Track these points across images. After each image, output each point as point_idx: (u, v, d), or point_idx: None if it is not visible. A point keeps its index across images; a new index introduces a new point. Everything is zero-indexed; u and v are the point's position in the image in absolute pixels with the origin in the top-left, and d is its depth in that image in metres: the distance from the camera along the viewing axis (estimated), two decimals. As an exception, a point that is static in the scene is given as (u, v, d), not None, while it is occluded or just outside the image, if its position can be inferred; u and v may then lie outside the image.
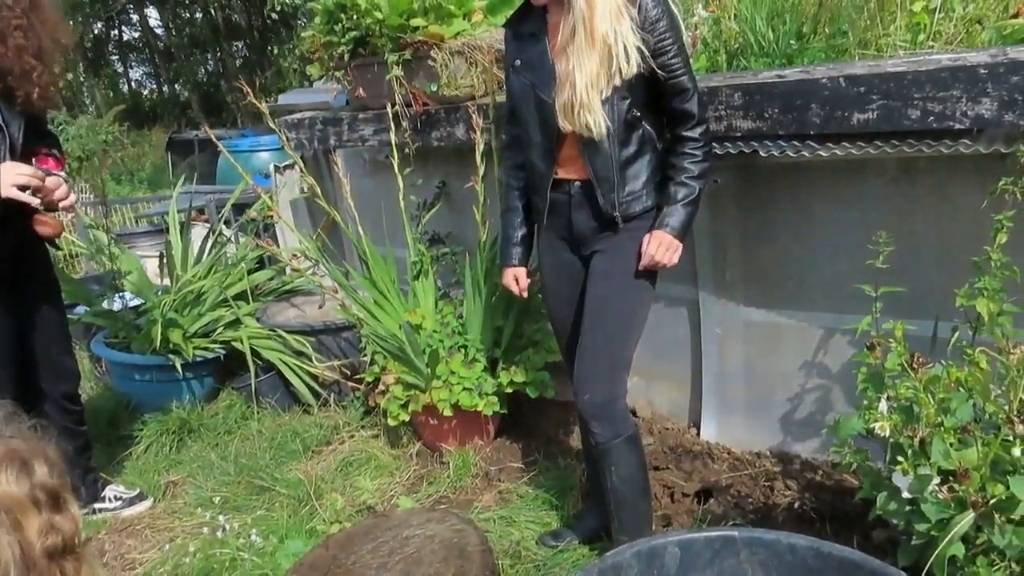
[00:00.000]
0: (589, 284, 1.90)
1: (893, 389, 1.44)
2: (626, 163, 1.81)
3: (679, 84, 1.76)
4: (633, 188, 1.83)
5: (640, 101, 1.76)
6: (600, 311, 1.88)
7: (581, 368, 1.89)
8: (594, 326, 1.88)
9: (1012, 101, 1.59)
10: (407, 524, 1.86)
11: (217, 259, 3.29)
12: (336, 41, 2.79)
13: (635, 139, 1.80)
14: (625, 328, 1.88)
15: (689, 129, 1.80)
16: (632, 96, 1.75)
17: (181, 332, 2.95)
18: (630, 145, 1.80)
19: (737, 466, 2.46)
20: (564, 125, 1.77)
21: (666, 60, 1.73)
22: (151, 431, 2.91)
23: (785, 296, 2.36)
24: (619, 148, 1.78)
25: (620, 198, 1.83)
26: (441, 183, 3.19)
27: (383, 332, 2.47)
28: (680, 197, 1.81)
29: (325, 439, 2.79)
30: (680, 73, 1.75)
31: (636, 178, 1.83)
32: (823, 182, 2.16)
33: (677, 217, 1.82)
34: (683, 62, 1.75)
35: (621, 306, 1.88)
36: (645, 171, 1.83)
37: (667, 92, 1.77)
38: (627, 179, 1.82)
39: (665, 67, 1.73)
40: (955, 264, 2.00)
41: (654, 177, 1.85)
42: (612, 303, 1.87)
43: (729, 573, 1.46)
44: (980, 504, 1.24)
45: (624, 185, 1.82)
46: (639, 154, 1.81)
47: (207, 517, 2.29)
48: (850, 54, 1.98)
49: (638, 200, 1.84)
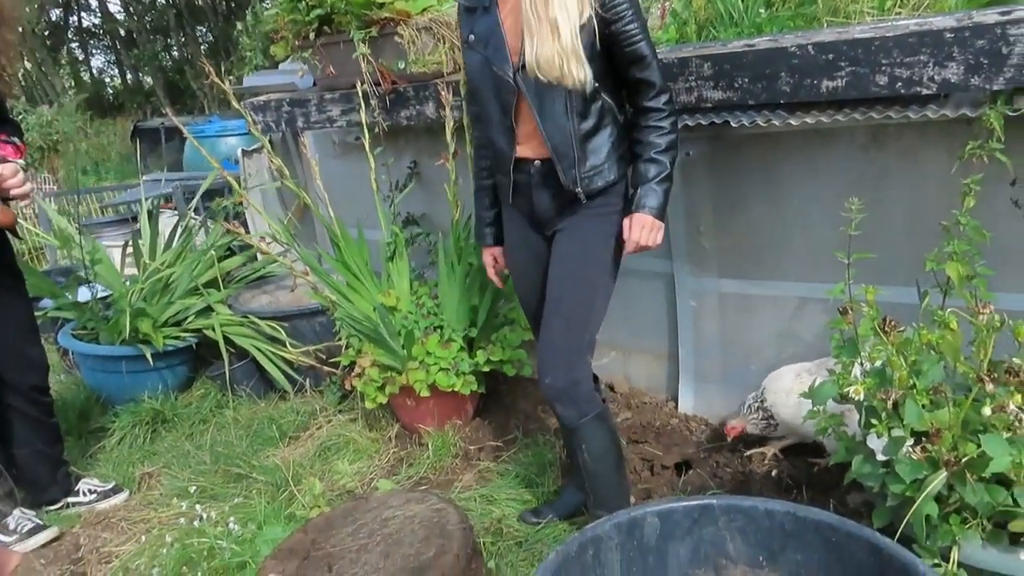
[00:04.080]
0: (551, 264, 1.88)
1: (866, 353, 1.45)
2: (586, 137, 1.76)
3: (636, 51, 1.71)
4: (595, 162, 1.78)
5: (597, 72, 1.70)
6: (560, 294, 1.85)
7: (542, 351, 1.88)
8: (554, 309, 1.86)
9: (978, 65, 1.60)
10: (387, 505, 1.84)
11: (186, 247, 3.23)
12: (300, 19, 2.72)
13: (594, 112, 1.75)
14: (585, 310, 1.85)
15: (651, 99, 1.75)
16: (591, 66, 1.69)
17: (151, 321, 2.89)
18: (589, 118, 1.75)
19: (715, 437, 2.48)
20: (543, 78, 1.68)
21: (621, 27, 1.67)
22: (124, 423, 2.87)
23: (758, 266, 2.37)
24: (578, 121, 1.73)
25: (581, 173, 1.78)
26: (412, 163, 3.15)
27: (358, 315, 2.44)
28: (652, 175, 1.77)
29: (302, 425, 2.76)
30: (637, 39, 1.69)
31: (597, 152, 1.78)
32: (793, 151, 2.17)
33: (654, 197, 1.78)
34: (640, 28, 1.70)
35: (581, 288, 1.84)
36: (606, 144, 1.78)
37: (624, 60, 1.72)
38: (588, 153, 1.77)
39: (621, 34, 1.68)
40: (924, 229, 2.02)
41: (616, 150, 1.80)
42: (572, 285, 1.85)
43: (708, 541, 1.47)
44: (953, 463, 1.25)
45: (585, 160, 1.77)
46: (599, 127, 1.77)
47: (184, 507, 2.26)
48: (819, 22, 1.97)
49: (600, 175, 1.79)
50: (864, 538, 1.30)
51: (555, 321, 1.85)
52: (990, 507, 1.35)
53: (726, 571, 1.47)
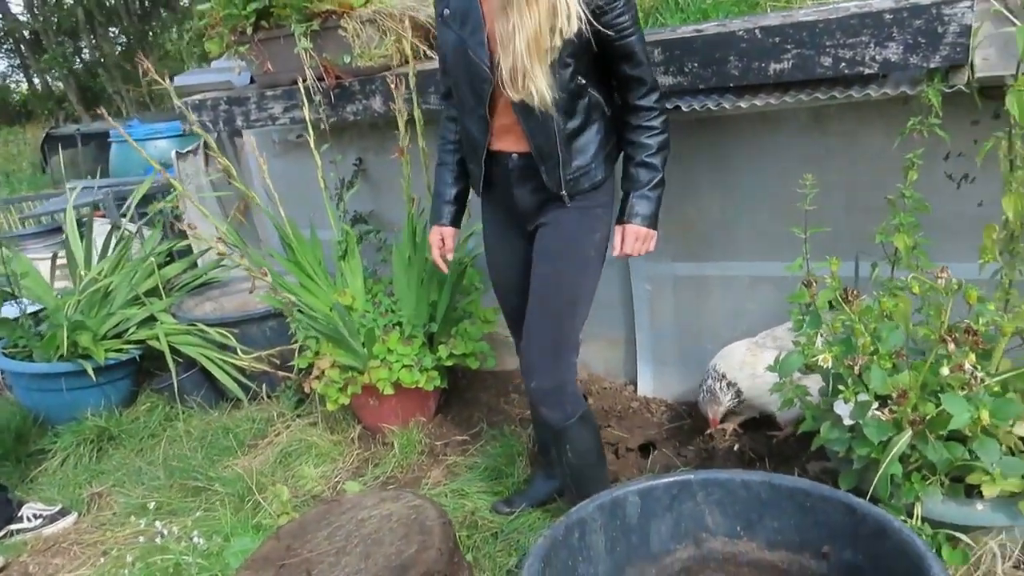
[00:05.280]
0: (534, 261, 1.80)
1: (829, 324, 1.51)
2: (572, 136, 1.65)
3: (627, 47, 1.61)
4: (581, 163, 1.68)
5: (584, 67, 1.61)
6: (543, 293, 1.78)
7: (527, 353, 1.81)
8: (538, 311, 1.79)
9: (916, 44, 1.68)
10: (361, 506, 1.81)
11: (123, 255, 3.08)
12: (236, 13, 2.63)
13: (581, 109, 1.64)
14: (569, 310, 1.78)
15: (642, 97, 1.67)
16: (576, 62, 1.59)
17: (91, 335, 2.75)
18: (575, 116, 1.64)
19: (675, 417, 2.54)
20: (512, 95, 1.58)
21: (612, 19, 1.57)
22: (66, 443, 2.73)
23: (709, 248, 2.43)
24: (564, 120, 1.62)
25: (567, 175, 1.68)
26: (358, 160, 3.09)
27: (317, 315, 2.39)
28: (644, 181, 1.69)
29: (259, 432, 2.68)
30: (628, 34, 1.60)
31: (583, 152, 1.67)
32: (741, 133, 2.23)
33: (646, 205, 1.70)
34: (631, 22, 1.60)
35: (565, 287, 1.77)
36: (593, 143, 1.68)
37: (615, 56, 1.62)
38: (574, 154, 1.66)
39: (612, 27, 1.57)
40: (864, 205, 2.11)
41: (603, 148, 1.71)
42: (555, 284, 1.77)
43: (688, 515, 1.51)
44: (918, 423, 1.31)
45: (571, 160, 1.66)
46: (586, 125, 1.66)
47: (142, 525, 2.17)
48: (762, 6, 2.03)
49: (586, 175, 1.69)
50: (838, 500, 1.35)
51: (539, 323, 1.78)
52: (948, 463, 1.43)
53: (706, 543, 1.51)
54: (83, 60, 16.61)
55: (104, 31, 15.30)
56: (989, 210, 1.97)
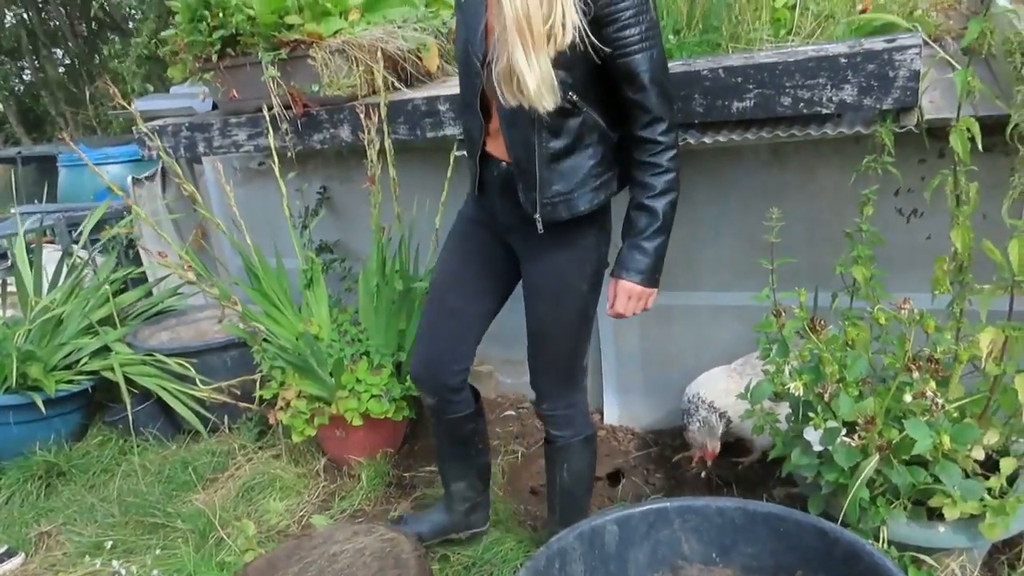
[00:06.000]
0: (525, 296, 1.73)
1: (797, 352, 1.56)
2: (555, 157, 1.49)
3: (629, 65, 1.40)
4: (561, 188, 1.51)
5: (581, 83, 1.43)
6: (541, 331, 1.73)
7: (535, 380, 1.80)
8: (538, 345, 1.75)
9: (870, 87, 1.77)
10: (332, 540, 1.78)
11: (76, 283, 2.99)
12: (201, 40, 2.61)
13: (570, 129, 1.47)
14: (571, 346, 1.73)
15: (645, 127, 1.46)
16: (571, 75, 1.41)
17: (41, 365, 2.65)
18: (561, 136, 1.47)
19: (642, 445, 2.57)
20: (508, 100, 1.42)
21: (614, 31, 1.37)
22: (11, 479, 2.60)
23: (675, 279, 2.48)
24: (546, 138, 1.46)
25: (543, 198, 1.52)
26: (322, 188, 3.08)
27: (284, 344, 2.35)
28: (642, 228, 1.51)
29: (220, 466, 2.61)
30: (632, 50, 1.39)
31: (566, 177, 1.50)
32: (704, 168, 2.31)
33: (641, 258, 1.52)
34: (640, 37, 1.39)
35: (562, 328, 1.70)
36: (583, 168, 1.50)
37: (616, 75, 1.42)
38: (553, 177, 1.50)
39: (613, 41, 1.37)
40: (822, 238, 2.20)
41: (595, 176, 1.52)
42: (552, 322, 1.70)
43: (664, 543, 1.53)
44: (884, 448, 1.37)
45: (549, 184, 1.50)
46: (575, 148, 1.49)
47: (97, 565, 2.07)
48: (723, 48, 2.12)
49: (566, 204, 1.52)
50: (811, 524, 1.39)
51: (541, 357, 1.75)
52: (912, 487, 1.48)
53: (682, 571, 1.53)
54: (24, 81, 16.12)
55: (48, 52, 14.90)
56: (936, 243, 2.08)
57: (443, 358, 1.83)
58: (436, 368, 1.83)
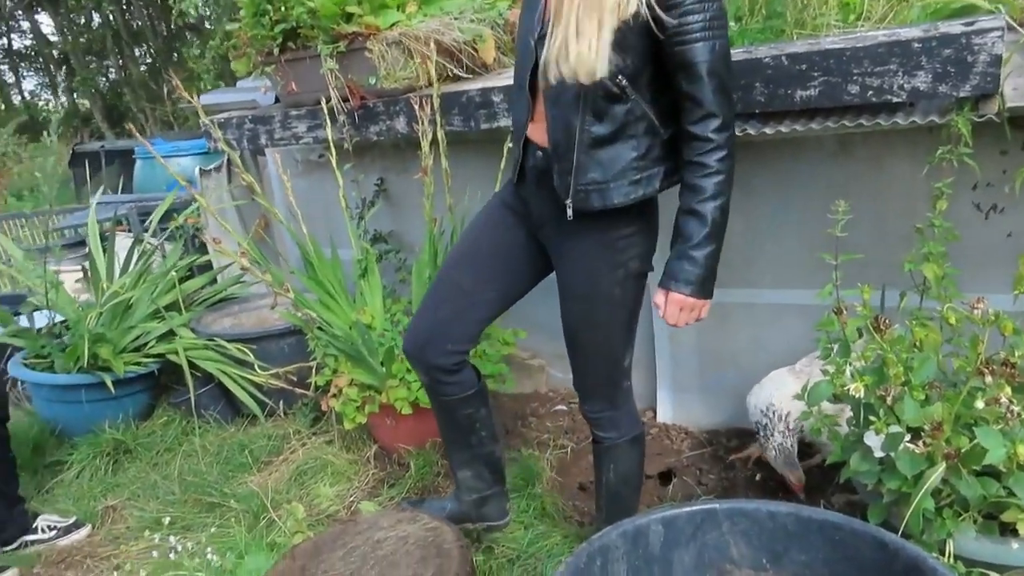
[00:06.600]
0: (560, 293, 1.67)
1: (859, 353, 1.48)
2: (595, 143, 1.43)
3: (687, 54, 1.32)
4: (597, 176, 1.45)
5: (634, 68, 1.36)
6: (574, 334, 1.68)
7: (577, 380, 1.75)
8: (576, 346, 1.70)
9: (945, 73, 1.67)
10: (377, 527, 1.79)
11: (145, 269, 3.11)
12: (264, 34, 2.67)
13: (615, 116, 1.40)
14: (605, 347, 1.66)
15: (696, 123, 1.38)
16: (625, 58, 1.35)
17: (111, 347, 2.76)
18: (605, 121, 1.40)
19: (696, 445, 2.50)
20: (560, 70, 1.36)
21: (676, 15, 1.29)
22: (82, 455, 2.73)
23: (732, 276, 2.41)
24: (589, 121, 1.40)
25: (577, 184, 1.46)
26: (379, 180, 3.11)
27: (337, 332, 2.38)
28: (690, 236, 1.42)
29: (275, 449, 2.67)
30: (694, 38, 1.31)
31: (604, 166, 1.44)
32: (765, 160, 2.22)
33: (691, 269, 1.44)
34: (704, 26, 1.31)
35: (596, 330, 1.65)
36: (622, 161, 1.43)
37: (672, 62, 1.34)
38: (590, 163, 1.44)
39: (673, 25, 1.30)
40: (890, 235, 2.09)
41: (636, 169, 1.45)
42: (585, 323, 1.65)
43: (712, 546, 1.47)
44: (952, 456, 1.28)
45: (585, 170, 1.44)
46: (618, 136, 1.42)
47: (155, 540, 2.15)
48: (787, 34, 2.03)
49: (600, 193, 1.46)
50: (870, 535, 1.32)
51: (578, 358, 1.71)
52: (982, 499, 1.39)
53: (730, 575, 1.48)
54: (109, 80, 16.95)
55: (131, 51, 15.62)
56: (1018, 241, 1.95)
57: (436, 335, 1.74)
58: (427, 345, 1.75)
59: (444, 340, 1.74)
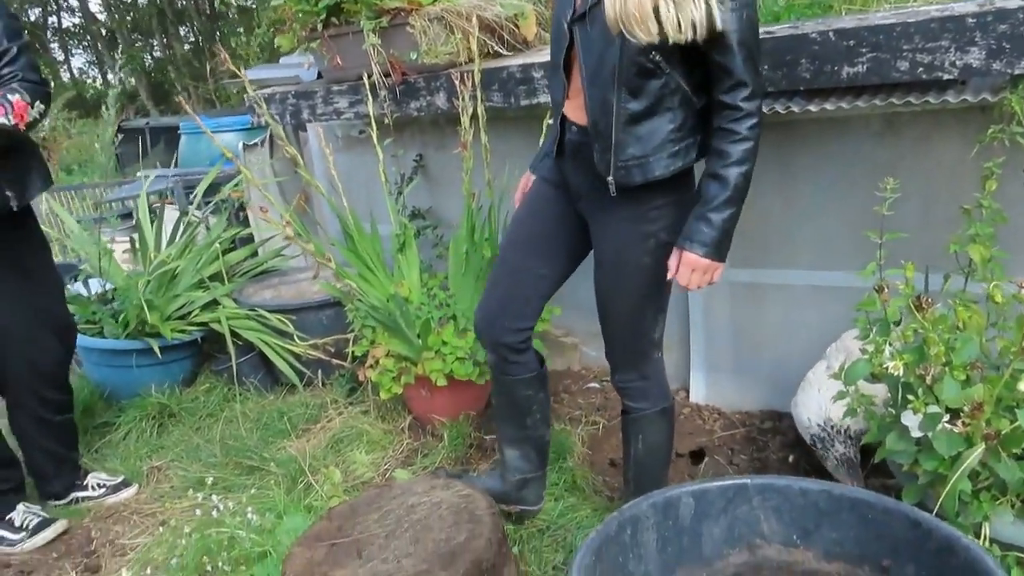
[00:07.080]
0: (595, 267, 1.73)
1: (899, 332, 1.47)
2: (632, 119, 1.46)
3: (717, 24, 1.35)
4: (637, 152, 1.48)
5: (667, 42, 1.37)
6: (605, 304, 1.74)
7: (608, 350, 1.80)
8: (606, 317, 1.75)
9: (1000, 49, 1.62)
10: (411, 492, 1.83)
11: (190, 241, 3.20)
12: (308, 10, 2.70)
13: (650, 91, 1.44)
14: (635, 317, 1.70)
15: (727, 92, 1.42)
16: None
17: (158, 314, 2.86)
18: (641, 97, 1.44)
19: (728, 426, 2.50)
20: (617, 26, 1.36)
21: None
22: (129, 417, 2.83)
23: (769, 255, 2.39)
24: (625, 98, 1.44)
25: (617, 160, 1.50)
26: (418, 156, 3.14)
27: (375, 303, 2.43)
28: (710, 198, 1.46)
29: (312, 417, 2.74)
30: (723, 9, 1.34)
31: (643, 140, 1.48)
32: (807, 138, 2.19)
33: (707, 230, 1.47)
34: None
35: (627, 302, 1.69)
36: (660, 134, 1.47)
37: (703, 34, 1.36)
38: (629, 139, 1.48)
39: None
40: (937, 216, 2.05)
41: (674, 141, 1.49)
42: (616, 294, 1.70)
43: (742, 520, 1.48)
44: (992, 437, 1.27)
45: (625, 146, 1.48)
46: (654, 111, 1.46)
47: (199, 499, 2.24)
48: (835, 9, 1.99)
49: (640, 168, 1.50)
50: (902, 513, 1.31)
51: (609, 328, 1.75)
52: (1021, 483, 1.37)
53: (760, 550, 1.48)
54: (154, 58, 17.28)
55: (175, 30, 15.88)
56: (1071, 225, 1.89)
57: (504, 314, 1.81)
58: (496, 324, 1.83)
59: (512, 318, 1.82)
